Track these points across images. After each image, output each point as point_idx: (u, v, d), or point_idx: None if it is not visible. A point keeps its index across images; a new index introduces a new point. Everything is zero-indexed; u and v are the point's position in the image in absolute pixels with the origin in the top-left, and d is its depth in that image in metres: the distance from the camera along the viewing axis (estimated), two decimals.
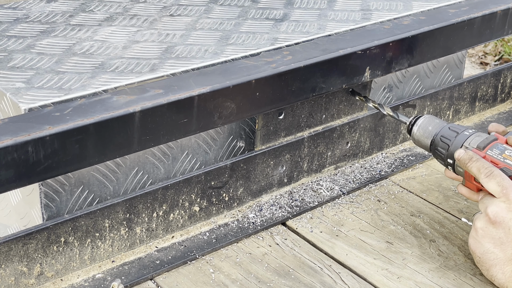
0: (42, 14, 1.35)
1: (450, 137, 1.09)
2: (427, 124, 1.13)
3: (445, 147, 1.09)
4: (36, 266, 0.99)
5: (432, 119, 1.13)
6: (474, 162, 1.03)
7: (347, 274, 1.07)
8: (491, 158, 1.04)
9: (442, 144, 1.09)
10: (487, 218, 1.00)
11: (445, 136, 1.09)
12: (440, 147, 1.10)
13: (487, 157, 1.04)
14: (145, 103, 0.97)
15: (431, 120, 1.13)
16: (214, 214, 1.17)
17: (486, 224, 1.00)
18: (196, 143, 1.20)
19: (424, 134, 1.12)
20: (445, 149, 1.09)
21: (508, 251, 0.98)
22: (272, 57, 1.14)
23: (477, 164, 1.03)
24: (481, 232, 1.01)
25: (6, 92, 1.04)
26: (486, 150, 1.05)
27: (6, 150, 0.85)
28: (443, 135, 1.10)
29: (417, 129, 1.13)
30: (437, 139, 1.10)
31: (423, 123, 1.13)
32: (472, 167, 1.04)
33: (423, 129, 1.13)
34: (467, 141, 1.07)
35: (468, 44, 1.40)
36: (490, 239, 1.00)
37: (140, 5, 1.43)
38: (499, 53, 3.41)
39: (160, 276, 1.05)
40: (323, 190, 1.26)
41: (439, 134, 1.10)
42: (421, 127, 1.13)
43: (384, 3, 1.50)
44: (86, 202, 1.09)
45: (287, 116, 1.21)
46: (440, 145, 1.10)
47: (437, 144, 1.10)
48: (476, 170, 1.03)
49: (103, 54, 1.19)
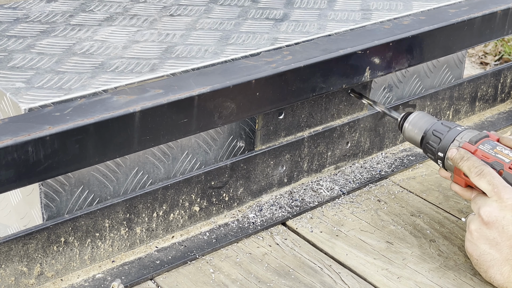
0: (42, 14, 1.35)
1: (442, 131, 1.10)
2: (418, 119, 1.14)
3: (436, 141, 1.10)
4: (36, 266, 0.99)
5: (424, 115, 1.15)
6: (465, 161, 1.04)
7: (347, 274, 1.07)
8: (482, 152, 1.04)
9: (434, 138, 1.10)
10: (480, 219, 1.00)
11: (437, 131, 1.10)
12: (431, 140, 1.11)
13: (478, 151, 1.04)
14: (145, 103, 0.97)
15: (422, 116, 1.14)
16: (214, 214, 1.17)
17: (480, 225, 1.00)
18: (196, 143, 1.20)
19: (414, 129, 1.14)
20: (436, 142, 1.10)
21: (504, 251, 0.98)
22: (272, 57, 1.14)
23: (467, 163, 1.03)
24: (476, 234, 1.00)
25: (6, 92, 1.04)
26: (478, 145, 1.05)
27: (6, 150, 0.85)
28: (435, 129, 1.11)
29: (408, 124, 1.15)
30: (429, 133, 1.11)
31: (414, 118, 1.15)
32: (463, 166, 1.04)
33: (413, 125, 1.14)
34: (460, 136, 1.08)
35: (468, 44, 1.40)
36: (485, 240, 0.99)
37: (140, 5, 1.43)
38: (499, 53, 3.41)
39: (160, 276, 1.05)
40: (323, 190, 1.26)
41: (431, 128, 1.11)
42: (412, 123, 1.14)
43: (384, 3, 1.50)
44: (86, 202, 1.09)
45: (287, 116, 1.21)
46: (431, 139, 1.11)
47: (429, 138, 1.11)
48: (467, 169, 1.03)
49: (103, 54, 1.19)
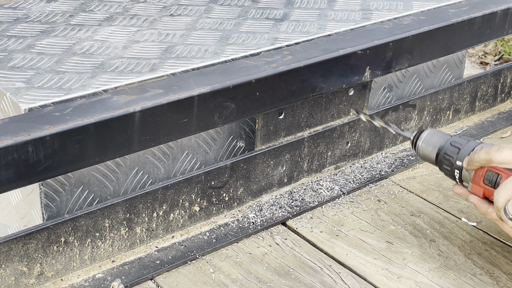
0: (42, 14, 1.35)
1: (461, 142, 1.06)
2: (432, 136, 1.10)
3: (455, 151, 1.06)
4: (36, 266, 0.99)
5: (436, 131, 1.11)
6: (482, 153, 0.99)
7: (347, 274, 1.07)
8: None
9: (452, 149, 1.07)
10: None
11: (456, 141, 1.07)
12: (449, 151, 1.07)
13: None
14: (145, 103, 0.97)
15: (435, 133, 1.10)
16: (214, 214, 1.17)
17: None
18: (196, 143, 1.20)
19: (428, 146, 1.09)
20: (454, 152, 1.06)
21: None
22: (272, 57, 1.14)
23: (484, 151, 0.99)
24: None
25: (6, 92, 1.04)
26: None
27: (6, 150, 0.85)
28: (454, 141, 1.07)
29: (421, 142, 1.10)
30: (447, 145, 1.08)
31: (427, 136, 1.10)
32: (480, 155, 1.00)
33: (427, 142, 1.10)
34: (480, 146, 1.04)
35: (468, 44, 1.40)
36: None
37: (140, 5, 1.43)
38: (499, 53, 3.41)
39: (160, 276, 1.05)
40: (323, 190, 1.26)
41: (448, 141, 1.08)
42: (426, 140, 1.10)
43: (384, 3, 1.50)
44: (86, 202, 1.09)
45: (287, 116, 1.21)
46: (449, 149, 1.07)
47: (446, 149, 1.07)
48: (485, 154, 0.99)
49: (103, 54, 1.19)
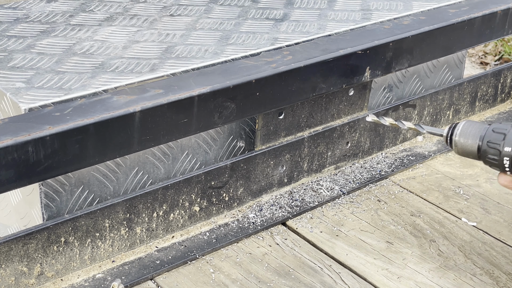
0: (42, 14, 1.35)
1: (505, 127, 0.99)
2: (468, 127, 1.02)
3: (500, 137, 0.98)
4: (36, 266, 0.99)
5: (472, 122, 1.03)
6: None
7: (347, 274, 1.07)
8: None
9: (496, 135, 0.99)
10: None
11: (498, 128, 1.00)
12: (493, 138, 0.98)
13: None
14: (145, 103, 0.97)
15: (471, 123, 1.03)
16: (214, 214, 1.17)
17: None
18: (196, 143, 1.20)
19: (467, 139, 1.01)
20: (500, 139, 0.98)
21: None
22: (272, 57, 1.14)
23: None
24: None
25: (6, 92, 1.04)
26: None
27: (6, 150, 0.85)
28: (495, 128, 1.00)
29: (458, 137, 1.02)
30: (489, 132, 1.00)
31: (463, 127, 1.02)
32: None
33: (464, 134, 1.02)
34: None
35: (468, 44, 1.40)
36: None
37: (140, 5, 1.43)
38: (499, 53, 3.41)
39: (160, 276, 1.05)
40: (323, 190, 1.26)
41: (489, 128, 1.00)
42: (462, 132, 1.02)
43: (384, 3, 1.50)
44: (86, 202, 1.09)
45: (287, 116, 1.21)
46: (493, 137, 0.99)
47: (489, 136, 0.99)
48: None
49: (103, 54, 1.19)
